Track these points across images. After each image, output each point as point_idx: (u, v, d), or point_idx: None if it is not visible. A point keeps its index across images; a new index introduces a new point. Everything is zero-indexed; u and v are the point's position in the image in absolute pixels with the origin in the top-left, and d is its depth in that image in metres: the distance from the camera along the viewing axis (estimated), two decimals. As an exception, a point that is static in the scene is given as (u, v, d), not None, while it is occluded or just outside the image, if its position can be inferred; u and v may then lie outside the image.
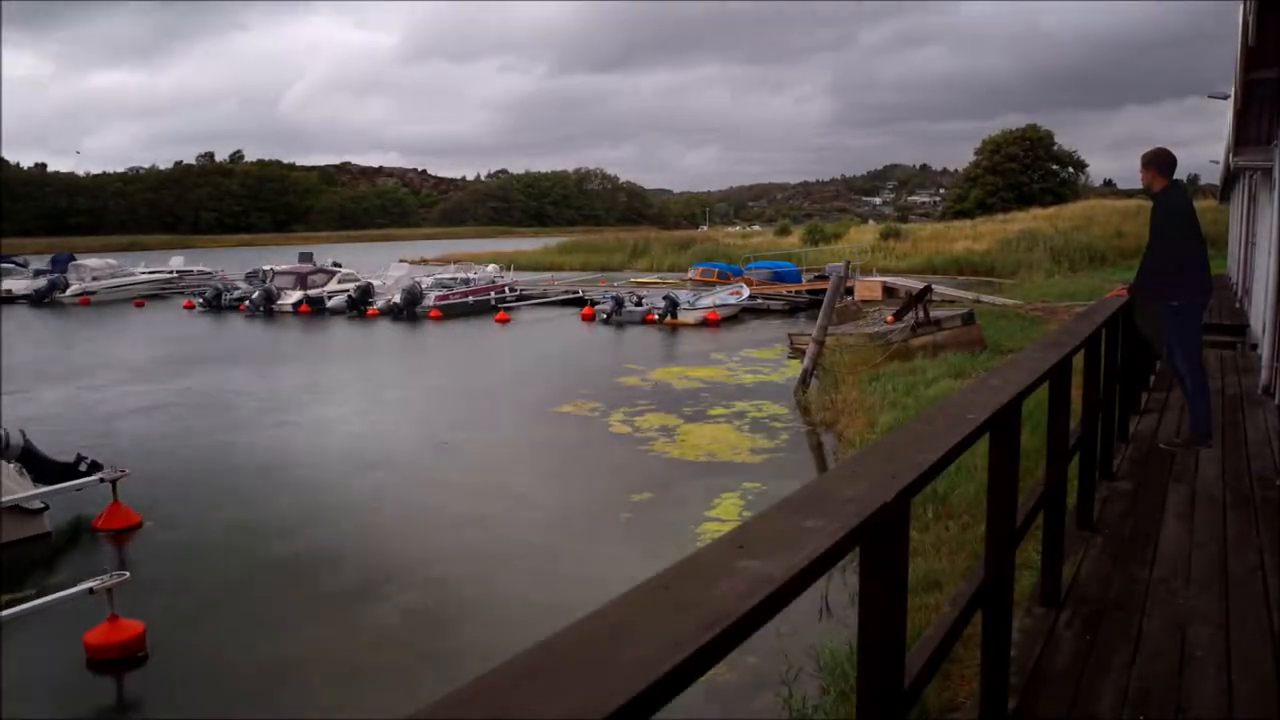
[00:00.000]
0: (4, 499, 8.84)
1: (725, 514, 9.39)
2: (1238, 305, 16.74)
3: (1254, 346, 11.41)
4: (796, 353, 18.91)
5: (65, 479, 9.92)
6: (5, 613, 6.70)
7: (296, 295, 32.05)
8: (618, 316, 26.83)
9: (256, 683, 6.54)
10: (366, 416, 15.42)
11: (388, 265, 40.97)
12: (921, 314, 16.71)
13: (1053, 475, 4.04)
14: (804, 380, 15.55)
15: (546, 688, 0.97)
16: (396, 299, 29.65)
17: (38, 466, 10.20)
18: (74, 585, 7.03)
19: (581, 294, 32.31)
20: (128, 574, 7.25)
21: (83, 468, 10.34)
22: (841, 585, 6.79)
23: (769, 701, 5.49)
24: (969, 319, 16.68)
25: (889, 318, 18.52)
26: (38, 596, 7.14)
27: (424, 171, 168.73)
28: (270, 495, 10.92)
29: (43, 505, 9.31)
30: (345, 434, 14.24)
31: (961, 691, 4.12)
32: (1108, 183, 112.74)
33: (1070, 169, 69.96)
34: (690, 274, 36.46)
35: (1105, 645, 3.71)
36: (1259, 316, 10.76)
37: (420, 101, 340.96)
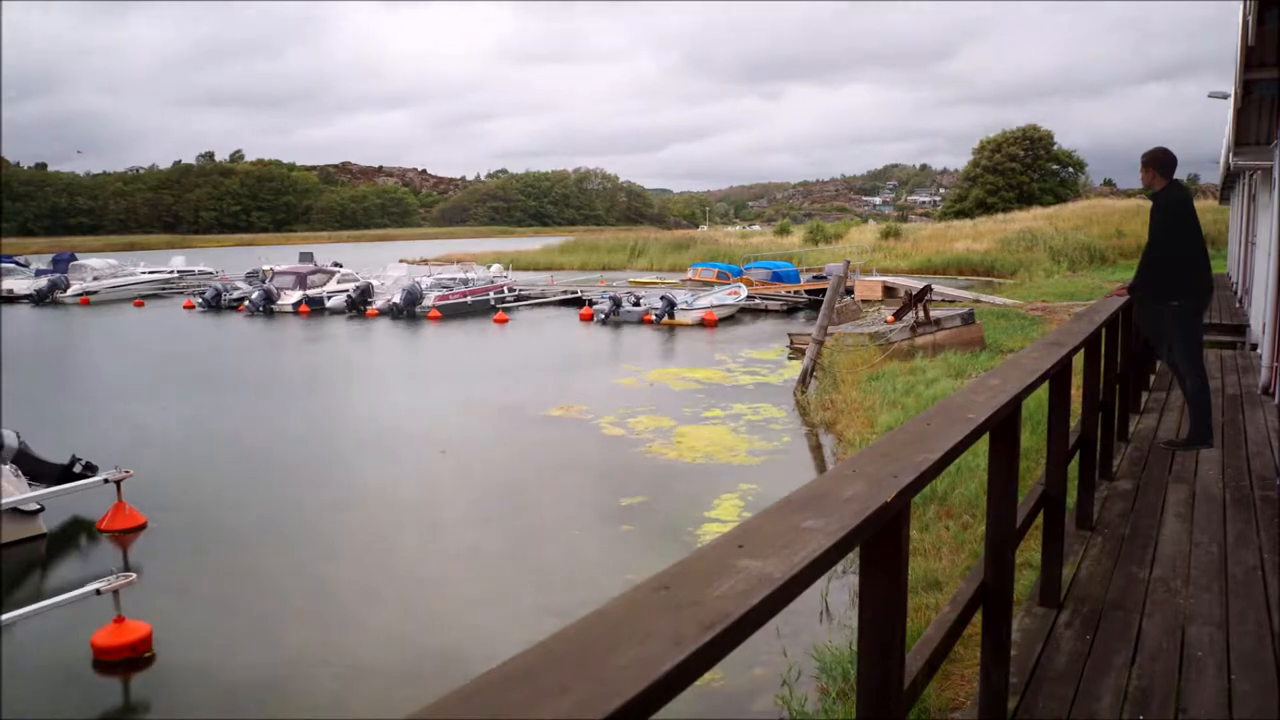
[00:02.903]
0: (3, 500, 8.82)
1: (724, 515, 9.39)
2: (1238, 305, 16.75)
3: (1254, 346, 11.42)
4: (797, 353, 18.89)
5: (60, 480, 9.89)
6: (11, 614, 6.66)
7: (296, 295, 32.06)
8: (615, 317, 26.86)
9: (263, 683, 6.53)
10: (364, 418, 15.39)
11: (386, 265, 40.90)
12: (921, 314, 16.70)
13: (1052, 475, 4.04)
14: (803, 380, 15.55)
15: (546, 688, 0.97)
16: (396, 299, 29.62)
17: (33, 467, 10.18)
18: (80, 586, 6.98)
19: (580, 294, 32.27)
20: (134, 575, 7.18)
21: (77, 468, 10.31)
22: (841, 585, 6.80)
23: (769, 701, 5.49)
24: (969, 319, 16.69)
25: (889, 317, 18.51)
26: (41, 598, 7.09)
27: (424, 171, 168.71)
28: (271, 495, 10.92)
29: (39, 506, 9.27)
30: (344, 436, 14.25)
31: (961, 691, 4.12)
32: (1108, 182, 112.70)
33: (1070, 169, 70.02)
34: (689, 274, 36.41)
35: (1105, 645, 3.70)
36: (1259, 316, 10.77)
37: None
